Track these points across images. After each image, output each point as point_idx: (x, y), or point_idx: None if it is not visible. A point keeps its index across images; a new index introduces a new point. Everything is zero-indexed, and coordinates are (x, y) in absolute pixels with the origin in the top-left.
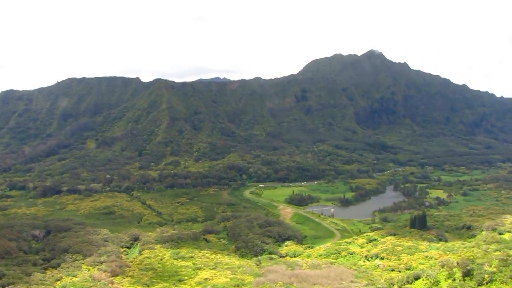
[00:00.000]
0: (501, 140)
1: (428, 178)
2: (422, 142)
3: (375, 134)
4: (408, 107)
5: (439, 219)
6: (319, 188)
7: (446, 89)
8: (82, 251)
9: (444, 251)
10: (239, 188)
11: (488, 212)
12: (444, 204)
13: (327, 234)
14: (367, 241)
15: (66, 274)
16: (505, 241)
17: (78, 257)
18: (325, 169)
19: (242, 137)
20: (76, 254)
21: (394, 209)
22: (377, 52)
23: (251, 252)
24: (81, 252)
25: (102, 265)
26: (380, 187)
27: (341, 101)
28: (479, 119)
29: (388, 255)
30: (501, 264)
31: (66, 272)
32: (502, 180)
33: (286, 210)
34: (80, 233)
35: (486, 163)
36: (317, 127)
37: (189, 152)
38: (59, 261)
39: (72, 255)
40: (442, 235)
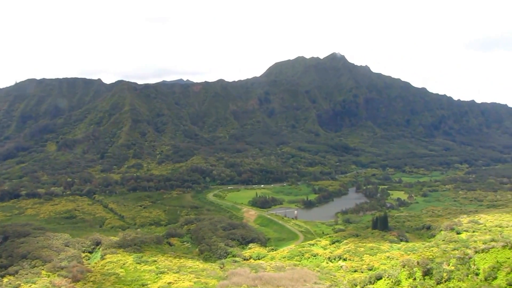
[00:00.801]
0: (459, 142)
1: (389, 179)
2: (383, 144)
3: (338, 136)
4: (370, 109)
5: (400, 220)
6: (283, 190)
7: (406, 92)
8: (42, 257)
9: (405, 251)
10: (203, 191)
11: (446, 212)
12: (405, 205)
13: (290, 236)
14: (330, 242)
15: (25, 281)
16: (463, 240)
17: (37, 263)
18: (288, 171)
19: (206, 139)
20: (35, 260)
21: (356, 210)
22: (339, 55)
23: (215, 255)
24: (41, 258)
25: (63, 270)
26: (342, 189)
27: (304, 103)
28: (438, 121)
29: (350, 256)
30: (458, 262)
31: (25, 279)
32: (460, 181)
33: (249, 213)
34: (40, 238)
35: (444, 164)
36: (280, 130)
37: (152, 154)
38: (17, 267)
39: (31, 261)
40: (403, 236)
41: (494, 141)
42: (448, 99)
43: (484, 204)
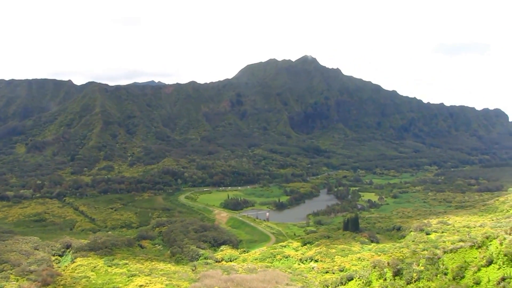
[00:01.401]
0: (428, 144)
1: (360, 181)
2: (354, 146)
3: (309, 138)
4: (341, 112)
5: (371, 221)
6: (254, 192)
7: (377, 95)
8: (10, 261)
9: (376, 252)
10: (174, 193)
11: (416, 214)
12: (376, 207)
13: (262, 238)
14: (301, 244)
15: None
16: (432, 240)
17: (5, 267)
18: (260, 173)
19: (177, 141)
20: (4, 264)
21: (327, 212)
22: (311, 57)
23: (187, 258)
24: (9, 262)
25: (32, 274)
26: (314, 190)
27: (275, 105)
28: (408, 124)
29: (322, 258)
30: (428, 262)
31: None
32: (429, 182)
33: (221, 215)
34: (8, 242)
35: (414, 166)
36: (252, 132)
37: (123, 156)
38: None
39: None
40: (374, 237)
41: (462, 144)
42: (418, 102)
43: (452, 205)
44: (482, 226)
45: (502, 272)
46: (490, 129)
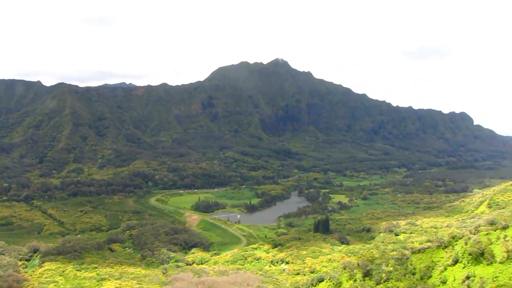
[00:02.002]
0: (397, 146)
1: (330, 183)
2: (325, 148)
3: (280, 141)
4: (312, 114)
5: (341, 222)
6: (226, 195)
7: (347, 97)
8: None
9: (346, 254)
10: (145, 196)
11: (385, 215)
12: (346, 208)
13: (233, 240)
14: (272, 246)
15: None
16: (401, 241)
17: None
18: (231, 175)
19: (148, 143)
20: None
21: (298, 214)
22: (282, 60)
23: (158, 261)
24: None
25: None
26: (285, 193)
27: (247, 108)
28: (377, 126)
29: (293, 259)
30: (396, 263)
31: None
32: (398, 184)
33: (192, 217)
34: None
35: (384, 168)
36: (223, 134)
37: (93, 159)
38: None
39: None
40: (344, 238)
41: (430, 146)
42: (387, 105)
43: (420, 206)
44: (448, 227)
45: (467, 271)
46: (456, 132)
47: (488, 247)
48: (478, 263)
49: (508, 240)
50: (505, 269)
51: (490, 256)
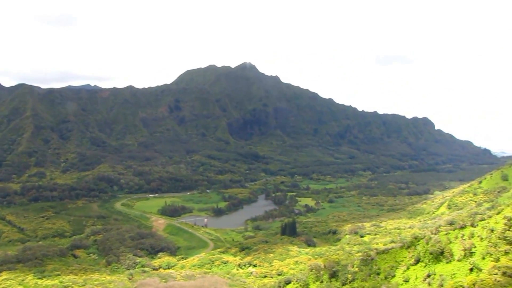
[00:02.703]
0: (363, 150)
1: (297, 186)
2: (292, 152)
3: (248, 144)
4: (279, 118)
5: (308, 225)
6: (192, 199)
7: (314, 102)
8: None
9: (313, 256)
10: (110, 200)
11: (351, 217)
12: (312, 211)
13: (200, 244)
14: (240, 249)
15: None
16: (366, 242)
17: None
18: (198, 179)
19: (113, 147)
20: None
21: (265, 217)
22: (250, 64)
23: (123, 266)
24: None
25: None
26: (252, 196)
27: (214, 111)
28: (343, 131)
29: (260, 262)
30: (362, 264)
31: None
32: (363, 187)
33: (159, 222)
34: None
35: (349, 171)
36: (190, 138)
37: (55, 163)
38: None
39: None
40: (310, 241)
41: (394, 150)
42: (353, 110)
43: (385, 209)
44: (411, 228)
45: (428, 269)
46: (419, 136)
47: (448, 246)
48: (438, 261)
49: (466, 239)
50: (462, 266)
51: (449, 255)
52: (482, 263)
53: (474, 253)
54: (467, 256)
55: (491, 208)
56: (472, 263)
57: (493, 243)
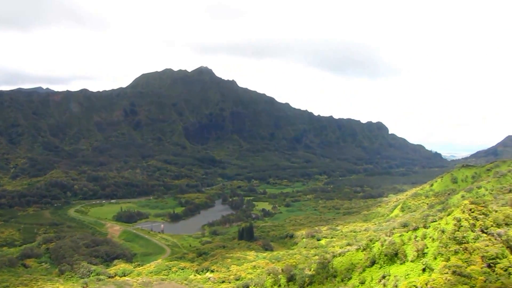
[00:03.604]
0: (319, 154)
1: (254, 191)
2: (248, 157)
3: (204, 149)
4: (236, 123)
5: (265, 229)
6: (149, 204)
7: (271, 106)
8: None
9: (270, 260)
10: (63, 207)
11: (308, 221)
12: (270, 216)
13: (157, 251)
14: (197, 255)
15: None
16: (322, 246)
17: None
18: (154, 184)
19: (67, 152)
20: None
21: (223, 222)
22: (207, 68)
23: (77, 275)
24: None
25: None
26: (209, 201)
27: (170, 116)
28: (299, 135)
29: (218, 268)
30: (319, 267)
31: None
32: (319, 191)
33: (114, 228)
34: None
35: (306, 175)
36: (146, 142)
37: (4, 168)
38: None
39: None
40: (268, 245)
41: (349, 154)
42: (309, 114)
43: (341, 212)
44: (366, 230)
45: (383, 271)
46: (373, 141)
47: (401, 247)
48: (392, 263)
49: (418, 240)
50: (415, 266)
51: (403, 256)
52: (434, 263)
53: (426, 253)
54: (420, 257)
55: (442, 210)
56: (425, 263)
57: (444, 243)
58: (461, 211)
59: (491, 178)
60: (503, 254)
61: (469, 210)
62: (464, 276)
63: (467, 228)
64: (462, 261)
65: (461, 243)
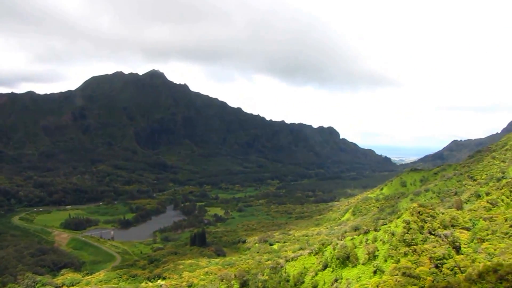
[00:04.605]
0: (271, 159)
1: (206, 196)
2: (200, 162)
3: (155, 154)
4: (188, 127)
5: (218, 235)
6: (98, 211)
7: (223, 111)
8: None
9: (223, 265)
10: (7, 215)
11: (260, 226)
12: (222, 221)
13: (107, 258)
14: (148, 262)
15: None
16: (275, 250)
17: None
18: (104, 190)
19: (11, 157)
20: None
21: (174, 228)
22: (159, 72)
23: (21, 286)
24: None
25: None
26: (160, 207)
27: (121, 120)
28: (252, 140)
29: (170, 274)
30: (271, 272)
31: None
32: (272, 196)
33: (62, 236)
34: None
35: (258, 180)
36: (96, 147)
37: None
38: None
39: None
40: (220, 250)
41: (301, 159)
42: (261, 119)
43: (293, 216)
44: (318, 234)
45: (335, 274)
46: (325, 145)
47: (353, 251)
48: (344, 266)
49: (369, 243)
50: (367, 269)
51: (354, 259)
52: (385, 265)
53: (377, 256)
54: (371, 260)
55: (391, 213)
56: (376, 265)
57: (394, 246)
58: (410, 214)
59: (438, 181)
60: (450, 254)
61: (418, 213)
62: (413, 277)
63: (416, 230)
64: (411, 262)
65: (410, 245)
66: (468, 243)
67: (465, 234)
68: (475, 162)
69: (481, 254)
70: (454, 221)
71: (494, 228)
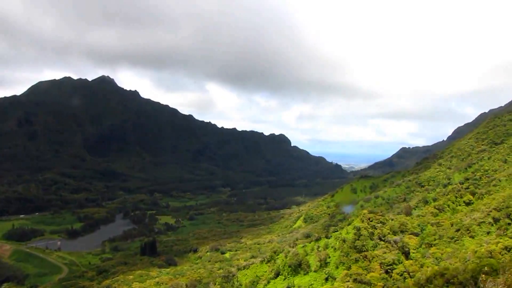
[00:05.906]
0: (222, 167)
1: (157, 204)
2: (151, 169)
3: (105, 161)
4: (138, 134)
5: (169, 244)
6: (44, 220)
7: (174, 118)
8: None
9: (174, 275)
10: None
11: (212, 234)
12: (173, 230)
13: (53, 270)
14: (97, 273)
15: None
16: (227, 259)
17: None
18: (51, 199)
19: None
20: None
21: (124, 237)
22: (108, 78)
23: None
24: None
25: None
26: (109, 215)
27: (69, 126)
28: (203, 147)
29: (119, 286)
30: (223, 281)
31: None
32: (223, 203)
33: (4, 248)
34: None
35: (209, 188)
36: (42, 154)
37: None
38: None
39: None
40: (171, 260)
41: (252, 166)
42: (212, 126)
43: (245, 224)
44: (270, 242)
45: (287, 282)
46: (276, 153)
47: (305, 258)
48: (296, 273)
49: (321, 250)
50: (318, 276)
51: (306, 266)
52: (336, 272)
53: (329, 263)
54: (323, 267)
55: (342, 219)
56: (327, 272)
57: (345, 252)
58: (360, 220)
59: (388, 188)
60: (399, 260)
61: (368, 219)
62: (364, 283)
63: (366, 236)
64: (362, 268)
65: (361, 251)
66: (417, 248)
67: (414, 240)
68: (423, 169)
69: (429, 259)
70: (403, 226)
71: (441, 233)
